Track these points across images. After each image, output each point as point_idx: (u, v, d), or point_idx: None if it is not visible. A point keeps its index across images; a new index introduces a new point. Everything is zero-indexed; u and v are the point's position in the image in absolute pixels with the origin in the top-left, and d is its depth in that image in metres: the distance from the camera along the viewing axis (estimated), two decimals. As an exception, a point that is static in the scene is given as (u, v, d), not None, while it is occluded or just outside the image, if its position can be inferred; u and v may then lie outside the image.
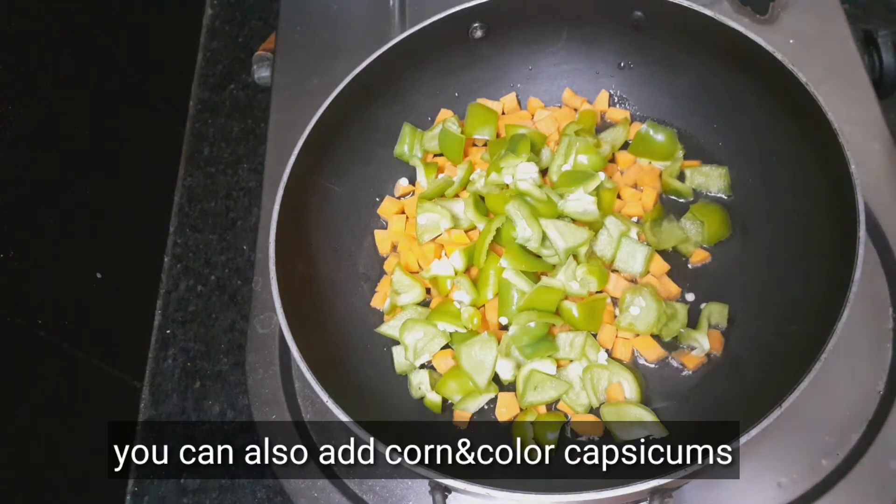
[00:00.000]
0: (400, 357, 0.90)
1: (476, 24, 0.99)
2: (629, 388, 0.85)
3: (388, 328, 0.92)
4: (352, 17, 1.21)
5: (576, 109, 1.04)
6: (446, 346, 0.91)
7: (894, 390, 0.84)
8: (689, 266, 0.94)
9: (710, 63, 0.94)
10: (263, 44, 1.23)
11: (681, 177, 0.99)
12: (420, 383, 0.89)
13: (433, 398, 0.88)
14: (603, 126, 1.04)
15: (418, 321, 0.90)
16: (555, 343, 0.86)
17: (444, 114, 1.04)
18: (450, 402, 0.89)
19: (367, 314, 0.95)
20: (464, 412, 0.87)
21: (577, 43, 1.03)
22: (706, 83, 0.97)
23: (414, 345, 0.89)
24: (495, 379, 0.88)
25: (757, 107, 0.92)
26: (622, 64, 1.03)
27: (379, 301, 0.96)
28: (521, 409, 0.87)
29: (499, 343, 0.87)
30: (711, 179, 0.97)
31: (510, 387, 0.89)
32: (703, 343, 0.87)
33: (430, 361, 0.91)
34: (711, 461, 0.68)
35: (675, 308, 0.89)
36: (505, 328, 0.91)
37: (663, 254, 0.93)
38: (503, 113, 1.05)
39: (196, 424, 1.04)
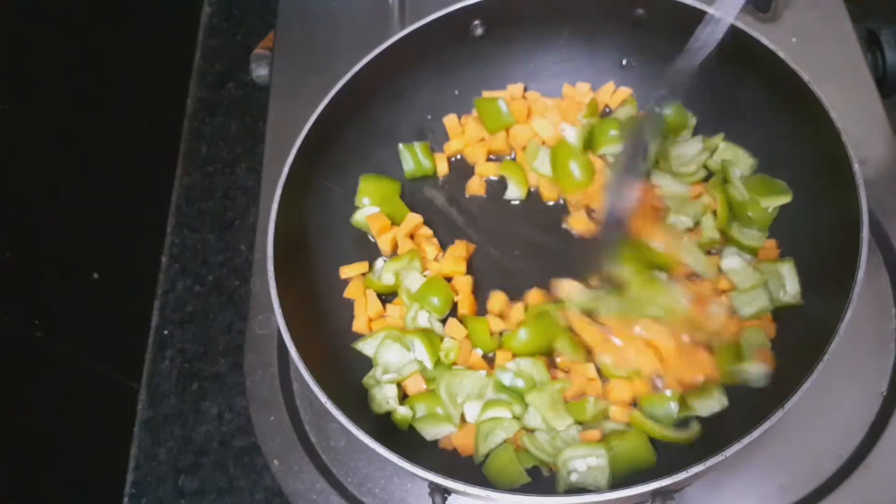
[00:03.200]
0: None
1: (476, 22, 0.99)
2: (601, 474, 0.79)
3: (366, 346, 0.89)
4: (351, 15, 1.20)
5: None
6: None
7: (897, 391, 0.84)
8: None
9: (711, 61, 0.94)
10: (262, 42, 1.22)
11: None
12: (387, 398, 0.85)
13: (404, 412, 0.84)
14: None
15: (397, 340, 0.87)
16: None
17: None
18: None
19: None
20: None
21: (578, 41, 1.02)
22: (708, 81, 0.96)
23: (385, 365, 0.87)
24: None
25: (759, 105, 0.92)
26: (624, 62, 1.03)
27: (361, 325, 0.92)
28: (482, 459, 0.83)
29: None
30: (740, 160, 0.95)
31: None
32: (756, 370, 0.81)
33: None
34: (712, 463, 0.68)
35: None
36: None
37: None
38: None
39: (194, 426, 1.03)
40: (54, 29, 1.06)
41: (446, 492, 0.74)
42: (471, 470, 0.82)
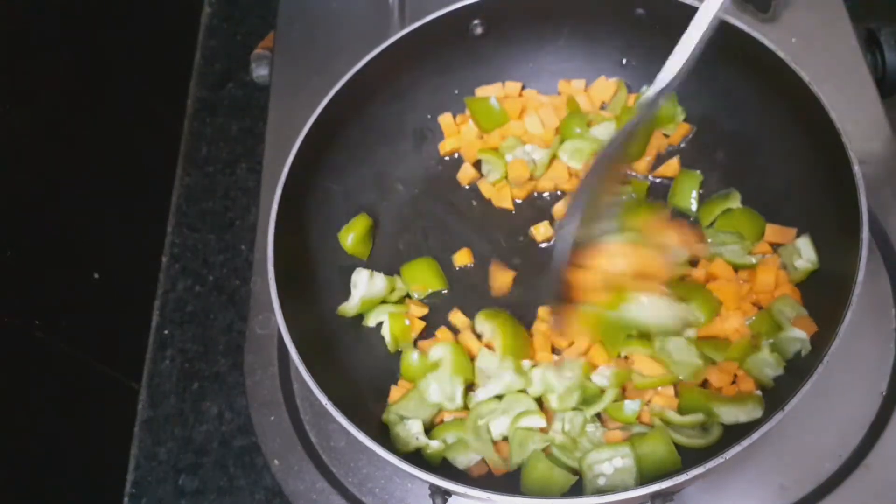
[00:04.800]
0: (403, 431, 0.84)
1: (476, 21, 0.99)
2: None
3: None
4: (351, 15, 1.20)
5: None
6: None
7: (897, 392, 0.84)
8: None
9: (711, 61, 0.93)
10: (262, 42, 1.22)
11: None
12: (413, 435, 0.82)
13: (436, 446, 0.82)
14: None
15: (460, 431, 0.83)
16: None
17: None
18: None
19: (367, 315, 0.94)
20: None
21: (578, 40, 1.02)
22: (707, 81, 0.96)
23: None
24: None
25: (758, 105, 0.92)
26: (624, 61, 1.03)
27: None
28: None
29: None
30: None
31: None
32: (798, 334, 0.81)
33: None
34: (712, 465, 0.68)
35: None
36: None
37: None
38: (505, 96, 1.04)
39: (194, 426, 1.03)
40: (54, 29, 1.06)
41: (447, 493, 0.74)
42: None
